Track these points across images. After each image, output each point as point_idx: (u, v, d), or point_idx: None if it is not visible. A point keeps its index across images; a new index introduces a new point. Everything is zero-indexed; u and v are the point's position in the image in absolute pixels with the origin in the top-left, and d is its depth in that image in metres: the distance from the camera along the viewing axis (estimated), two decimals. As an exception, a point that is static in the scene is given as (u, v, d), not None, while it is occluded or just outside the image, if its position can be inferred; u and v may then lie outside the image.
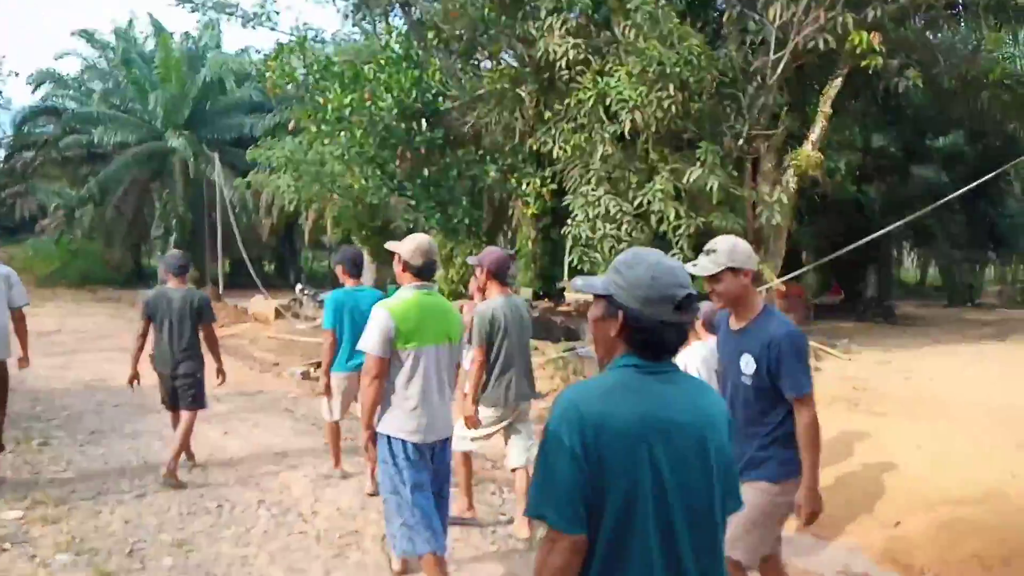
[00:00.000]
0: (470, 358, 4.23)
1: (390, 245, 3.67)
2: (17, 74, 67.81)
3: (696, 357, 3.82)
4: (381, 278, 17.16)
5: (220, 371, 5.52)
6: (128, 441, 6.39)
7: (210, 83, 26.04)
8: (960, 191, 10.67)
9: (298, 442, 6.16)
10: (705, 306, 3.90)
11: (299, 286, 19.37)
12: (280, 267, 30.91)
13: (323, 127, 10.59)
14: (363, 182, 11.36)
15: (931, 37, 10.93)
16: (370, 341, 3.33)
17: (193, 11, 16.14)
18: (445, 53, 11.59)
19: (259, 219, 24.92)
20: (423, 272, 3.48)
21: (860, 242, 9.33)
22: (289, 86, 11.05)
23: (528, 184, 10.54)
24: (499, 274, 4.32)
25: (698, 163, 9.04)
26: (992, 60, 11.11)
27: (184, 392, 5.32)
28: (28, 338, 5.39)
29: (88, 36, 28.46)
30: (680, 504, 1.54)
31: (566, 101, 9.65)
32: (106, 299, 22.41)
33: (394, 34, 11.42)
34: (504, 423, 4.43)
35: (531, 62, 10.13)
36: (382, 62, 10.65)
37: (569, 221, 9.87)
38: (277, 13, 20.52)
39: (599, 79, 9.14)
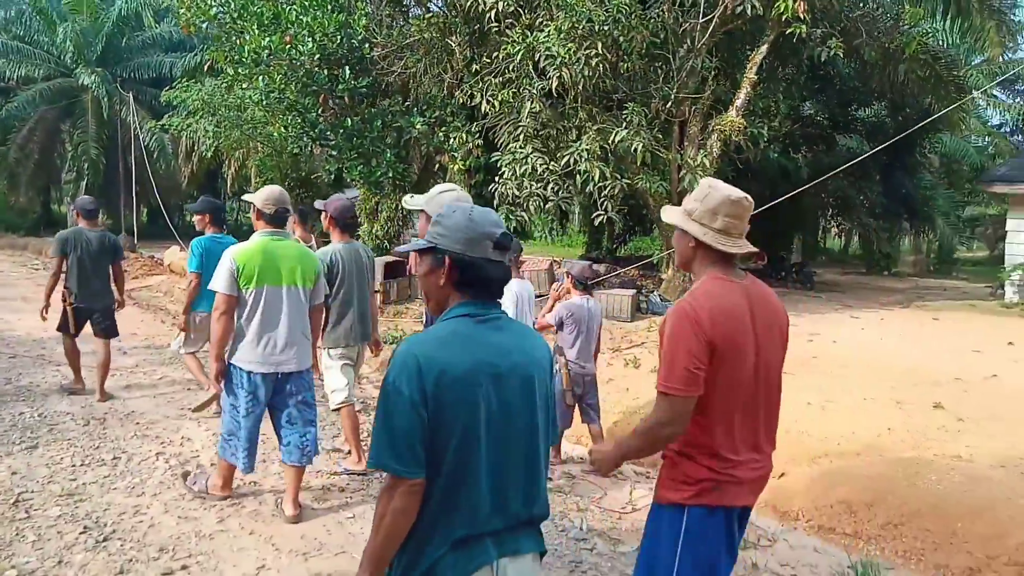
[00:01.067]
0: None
1: (247, 197, 4.09)
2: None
3: (508, 292, 3.90)
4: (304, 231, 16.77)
5: (121, 302, 6.32)
6: (22, 393, 6.11)
7: (125, 17, 24.46)
8: (864, 157, 11.09)
9: (203, 396, 6.02)
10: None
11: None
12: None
13: (240, 70, 10.11)
14: (284, 130, 10.95)
15: (855, 9, 11.18)
16: (219, 281, 3.73)
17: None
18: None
19: (179, 166, 23.84)
20: (275, 219, 3.87)
21: (772, 203, 9.61)
22: (204, 24, 10.45)
23: (455, 139, 10.39)
24: (340, 220, 4.58)
25: (624, 124, 9.10)
26: (911, 35, 11.48)
27: (101, 323, 6.02)
28: None
29: (-13, -42, 26.22)
30: (507, 440, 1.67)
31: (495, 54, 9.51)
32: (9, 246, 21.18)
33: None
34: (351, 362, 4.69)
35: (460, 11, 9.90)
36: (305, 3, 10.19)
37: (497, 179, 9.81)
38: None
39: (528, 33, 9.02)
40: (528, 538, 1.76)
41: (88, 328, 6.07)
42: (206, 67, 12.16)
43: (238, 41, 10.05)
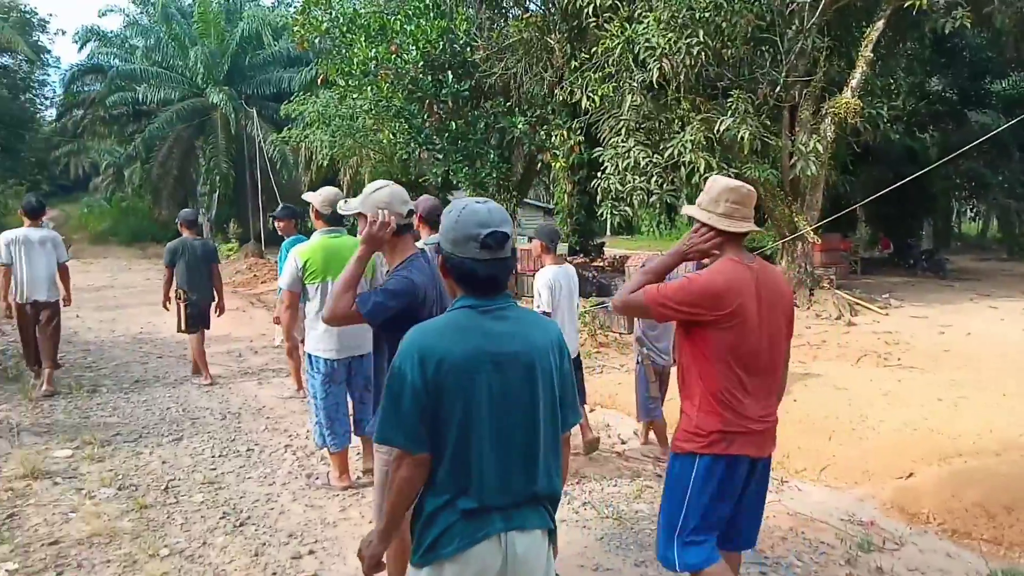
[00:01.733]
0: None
1: (306, 196, 4.34)
2: (64, 32, 68.70)
3: (542, 277, 4.37)
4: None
5: (221, 304, 7.16)
6: (169, 390, 6.72)
7: (247, 37, 26.14)
8: (998, 131, 10.20)
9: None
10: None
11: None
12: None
13: (350, 81, 10.61)
14: (392, 136, 11.39)
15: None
16: (284, 278, 4.28)
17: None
18: (473, 1, 11.45)
19: (299, 175, 25.24)
20: (331, 219, 4.19)
21: (894, 186, 9.05)
22: (317, 40, 11.05)
23: (557, 136, 10.45)
24: (428, 218, 4.64)
25: (730, 112, 8.84)
26: (1051, -4, 10.48)
27: (198, 317, 6.89)
28: (70, 285, 6.97)
29: (129, -8, 28.77)
30: (509, 422, 1.82)
31: (594, 49, 9.48)
32: (155, 255, 23.12)
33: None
34: None
35: (559, 9, 9.94)
36: (409, 12, 10.57)
37: (599, 174, 9.79)
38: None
39: (627, 26, 8.95)
40: (535, 514, 1.88)
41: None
42: (320, 80, 12.81)
43: (347, 53, 10.55)
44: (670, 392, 4.75)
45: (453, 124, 10.65)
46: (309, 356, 4.21)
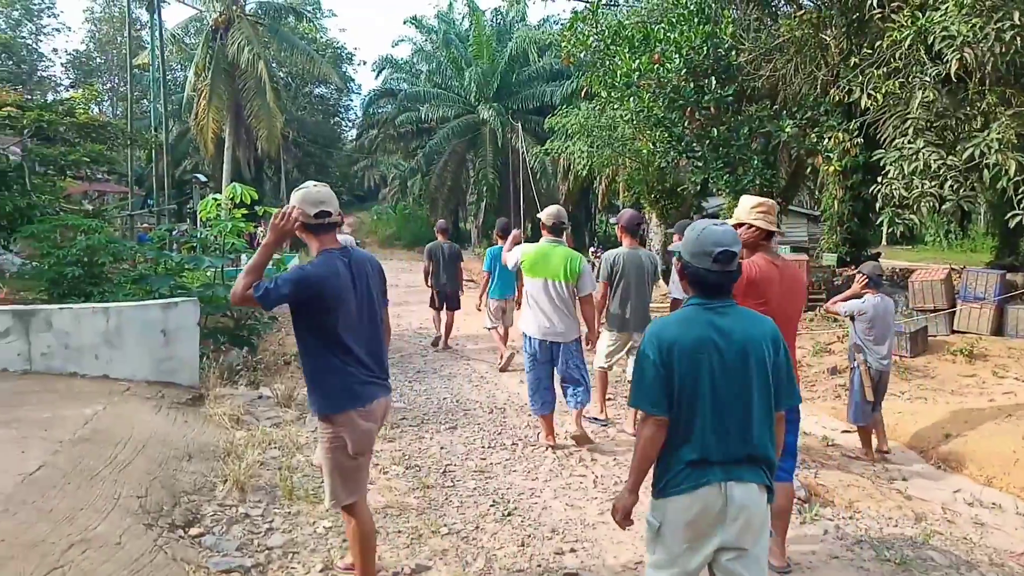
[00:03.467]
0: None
1: (541, 214, 5.42)
2: (365, 62, 79.11)
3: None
4: (669, 241, 17.20)
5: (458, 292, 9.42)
6: (444, 382, 7.47)
7: (515, 56, 27.93)
8: None
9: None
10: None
11: (592, 248, 20.20)
12: (576, 230, 32.51)
13: (612, 93, 10.84)
14: (651, 145, 11.43)
15: None
16: (509, 260, 5.52)
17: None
18: (741, 3, 11.06)
19: (557, 184, 26.38)
20: (553, 230, 5.25)
21: None
22: (582, 54, 11.46)
23: (830, 138, 9.69)
24: (628, 228, 5.79)
25: (1052, 104, 7.51)
26: None
27: (449, 302, 9.27)
28: None
29: (417, 23, 32.32)
30: (727, 394, 2.31)
31: (877, 43, 8.63)
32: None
33: (687, -11, 11.16)
34: (626, 347, 5.89)
35: (837, 2, 9.22)
36: (672, 20, 10.52)
37: (880, 178, 8.90)
38: (575, -18, 21.15)
39: (919, 15, 8.01)
40: (751, 471, 2.33)
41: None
42: (582, 93, 13.27)
43: (611, 65, 10.80)
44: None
45: (715, 130, 10.38)
46: (525, 336, 5.33)
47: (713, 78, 10.35)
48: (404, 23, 32.59)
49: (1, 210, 8.12)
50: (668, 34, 10.40)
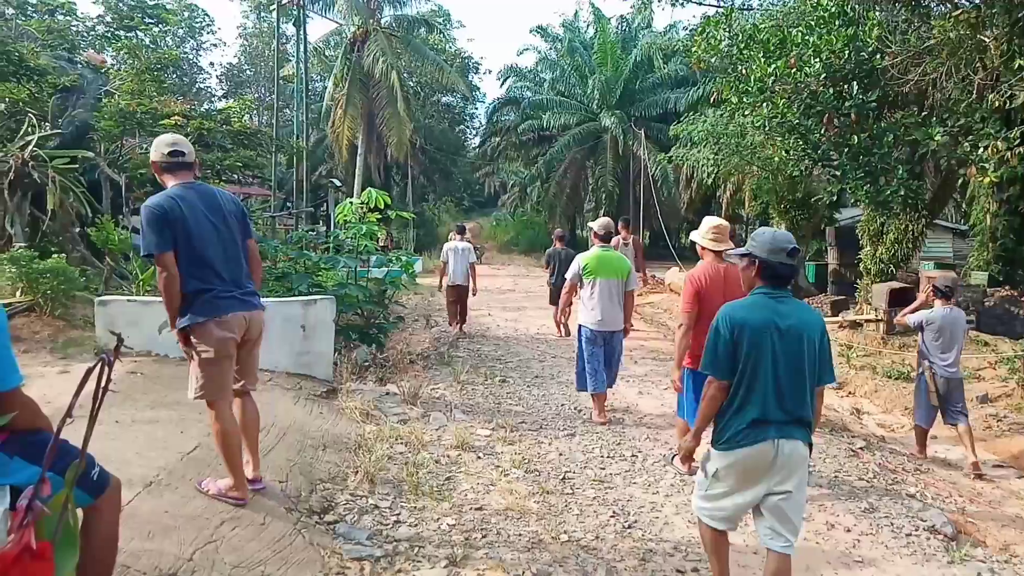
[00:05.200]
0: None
1: (591, 224, 6.89)
2: (490, 72, 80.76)
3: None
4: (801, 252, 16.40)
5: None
6: (563, 388, 7.49)
7: (640, 62, 27.64)
8: None
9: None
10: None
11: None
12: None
13: (745, 99, 10.49)
14: (784, 153, 10.96)
15: None
16: (569, 273, 6.47)
17: (628, -2, 17.20)
18: (888, 4, 10.40)
19: (678, 192, 25.83)
20: (604, 238, 6.41)
21: None
22: (714, 59, 11.17)
23: (986, 147, 8.92)
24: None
25: None
26: None
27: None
28: (477, 279, 10.96)
29: (542, 31, 32.68)
30: (784, 367, 2.92)
31: (1048, 44, 7.87)
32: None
33: (827, -10, 10.62)
34: None
35: (999, 1, 8.48)
36: (811, 23, 10.05)
37: (1044, 191, 8.11)
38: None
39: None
40: (798, 431, 2.95)
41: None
42: (711, 99, 12.93)
43: (743, 71, 10.46)
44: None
45: (855, 138, 9.81)
46: (580, 327, 6.31)
47: (855, 83, 9.80)
48: (530, 32, 33.11)
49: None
50: (806, 38, 9.95)
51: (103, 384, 1.30)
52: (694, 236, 5.09)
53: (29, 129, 9.10)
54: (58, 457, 1.77)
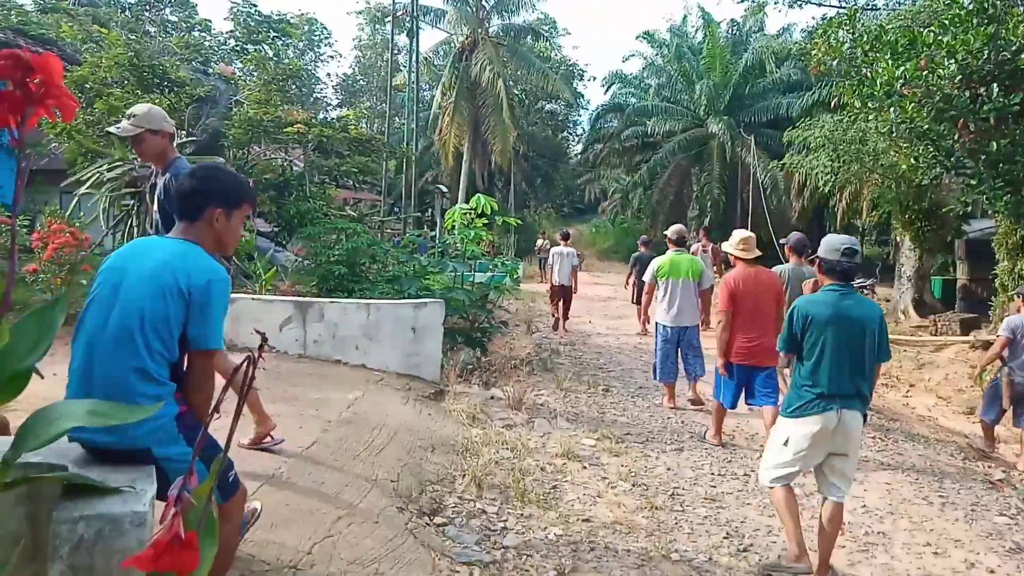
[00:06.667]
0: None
1: (667, 232, 7.46)
2: (594, 78, 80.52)
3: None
4: (924, 267, 15.32)
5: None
6: (678, 408, 7.29)
7: (750, 67, 26.75)
8: None
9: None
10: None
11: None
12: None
13: (869, 103, 9.91)
14: (912, 161, 10.28)
15: None
16: (646, 276, 7.28)
17: (742, 1, 16.68)
18: (1036, -2, 9.57)
19: (789, 201, 24.78)
20: (677, 243, 7.18)
21: None
22: (835, 62, 10.62)
23: None
24: (798, 248, 6.59)
25: None
26: None
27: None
28: (578, 279, 12.27)
29: (649, 37, 32.21)
30: (847, 352, 3.55)
31: None
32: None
33: (965, -13, 9.88)
34: None
35: None
36: (945, 22, 9.37)
37: None
38: (824, -14, 19.68)
39: None
40: (857, 403, 3.59)
41: None
42: (832, 103, 12.31)
43: (868, 73, 9.89)
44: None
45: (993, 145, 9.05)
46: (656, 323, 7.10)
47: (995, 85, 9.05)
48: (636, 38, 32.70)
49: (285, 214, 9.41)
50: (939, 38, 9.28)
51: (248, 382, 1.34)
52: (726, 247, 5.94)
53: (169, 137, 9.79)
54: (205, 449, 1.85)
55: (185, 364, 2.23)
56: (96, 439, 2.09)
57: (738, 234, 5.86)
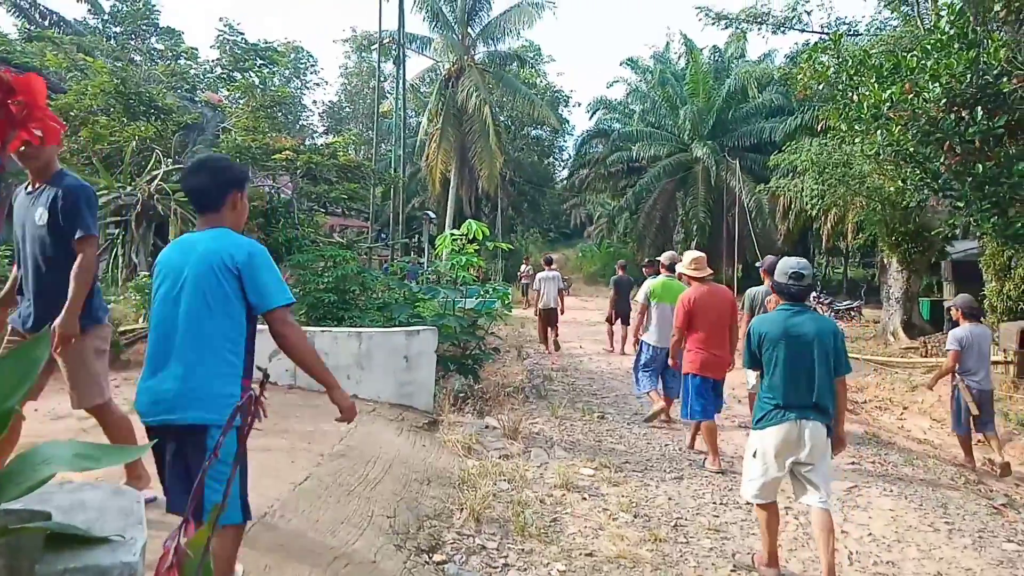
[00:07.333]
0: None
1: (660, 257, 7.98)
2: (579, 104, 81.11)
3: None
4: (912, 288, 15.40)
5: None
6: (664, 427, 7.20)
7: (733, 92, 27.09)
8: None
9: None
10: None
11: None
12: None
13: (855, 126, 10.00)
14: (899, 183, 10.35)
15: None
16: (639, 296, 7.68)
17: (726, 27, 16.94)
18: (1015, 23, 9.74)
19: (774, 224, 24.98)
20: (669, 268, 7.31)
21: None
22: (820, 86, 10.73)
23: None
24: (771, 271, 6.27)
25: None
26: None
27: (624, 318, 12.56)
28: (564, 302, 12.91)
29: (632, 64, 32.61)
30: (798, 366, 3.78)
31: None
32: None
33: (944, 12, 10.05)
34: None
35: None
36: (927, 47, 9.50)
37: None
38: (808, 14, 20.07)
39: None
40: (816, 414, 3.77)
41: None
42: (818, 127, 12.43)
43: (853, 97, 9.99)
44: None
45: (979, 166, 9.13)
46: (643, 343, 7.45)
47: (979, 108, 9.16)
48: (620, 65, 33.07)
49: (274, 241, 9.29)
50: (923, 62, 9.41)
51: (250, 421, 1.25)
52: (679, 268, 6.55)
53: (155, 164, 9.70)
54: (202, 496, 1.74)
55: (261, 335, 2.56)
56: (169, 419, 2.39)
57: (689, 255, 6.46)
